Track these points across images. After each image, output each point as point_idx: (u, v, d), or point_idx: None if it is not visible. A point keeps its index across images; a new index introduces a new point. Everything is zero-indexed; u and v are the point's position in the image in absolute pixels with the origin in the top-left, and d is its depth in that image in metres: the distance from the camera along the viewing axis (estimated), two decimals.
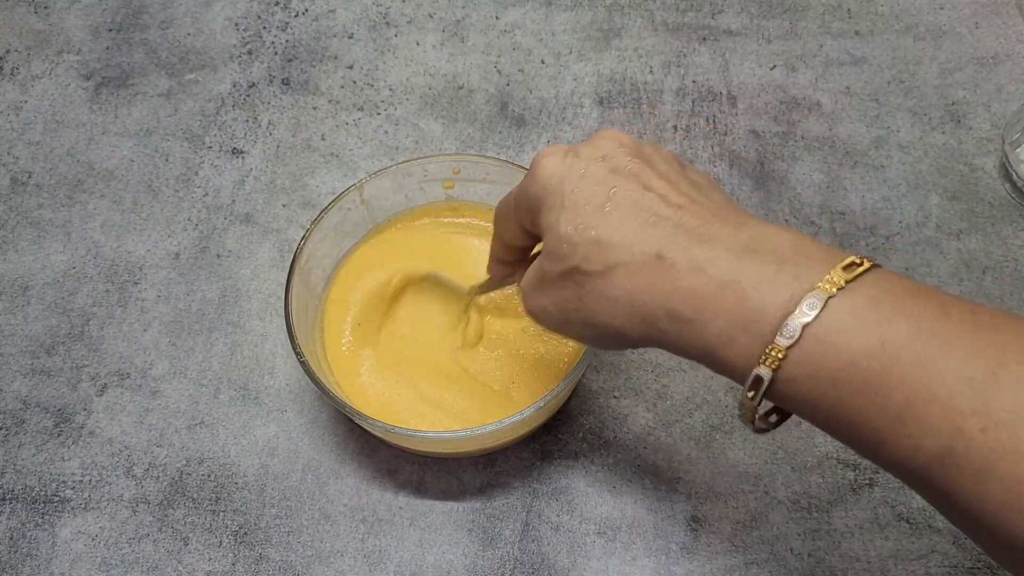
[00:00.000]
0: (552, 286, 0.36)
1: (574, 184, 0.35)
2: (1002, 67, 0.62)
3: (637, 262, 0.33)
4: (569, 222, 0.35)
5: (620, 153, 0.36)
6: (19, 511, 0.48)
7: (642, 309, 0.33)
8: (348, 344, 0.50)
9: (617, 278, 0.33)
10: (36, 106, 0.62)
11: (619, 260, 0.33)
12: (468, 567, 0.46)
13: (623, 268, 0.33)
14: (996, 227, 0.56)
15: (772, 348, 0.29)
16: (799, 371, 0.29)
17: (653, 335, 0.33)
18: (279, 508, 0.47)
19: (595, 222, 0.34)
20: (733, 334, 0.31)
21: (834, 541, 0.46)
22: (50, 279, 0.55)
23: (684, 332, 0.32)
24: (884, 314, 0.29)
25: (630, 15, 0.66)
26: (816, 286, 0.29)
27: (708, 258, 0.32)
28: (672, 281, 0.32)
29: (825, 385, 0.29)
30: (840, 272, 0.30)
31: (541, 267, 0.37)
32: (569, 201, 0.35)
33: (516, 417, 0.42)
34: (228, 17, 0.66)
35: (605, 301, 0.34)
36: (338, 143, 0.60)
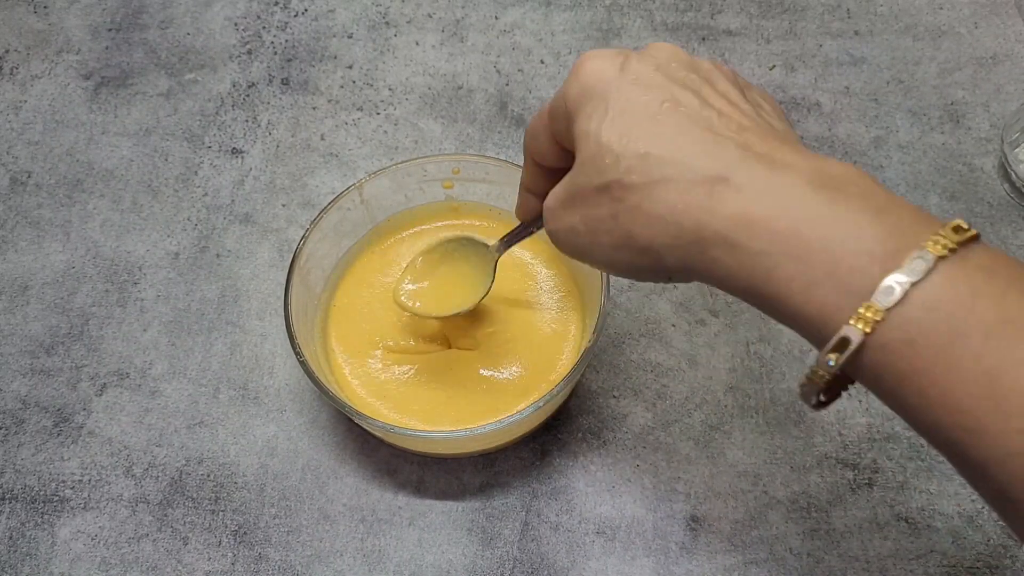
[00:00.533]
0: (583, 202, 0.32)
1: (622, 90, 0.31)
2: (1001, 67, 0.62)
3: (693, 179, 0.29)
4: (613, 130, 0.31)
5: (675, 65, 0.32)
6: (19, 511, 0.48)
7: (692, 231, 0.29)
8: (349, 344, 0.50)
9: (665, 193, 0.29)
10: (36, 106, 0.62)
11: (669, 175, 0.29)
12: (467, 567, 0.46)
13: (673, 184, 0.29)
14: (995, 227, 0.56)
15: (868, 307, 0.25)
16: (897, 338, 0.25)
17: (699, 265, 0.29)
18: (279, 508, 0.47)
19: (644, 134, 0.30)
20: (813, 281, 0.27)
21: (833, 541, 0.46)
22: (50, 279, 0.55)
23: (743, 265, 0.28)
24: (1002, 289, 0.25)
25: (630, 15, 0.66)
26: (924, 244, 0.25)
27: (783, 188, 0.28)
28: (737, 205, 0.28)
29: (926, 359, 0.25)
30: (950, 233, 0.26)
31: (573, 180, 0.33)
32: (615, 107, 0.31)
33: (516, 417, 0.42)
34: (228, 17, 0.66)
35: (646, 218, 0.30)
36: (338, 143, 0.60)
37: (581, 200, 0.32)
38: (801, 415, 0.49)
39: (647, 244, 0.30)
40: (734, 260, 0.28)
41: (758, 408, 0.50)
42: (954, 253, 0.25)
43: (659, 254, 0.30)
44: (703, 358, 0.51)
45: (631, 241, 0.31)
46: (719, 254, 0.29)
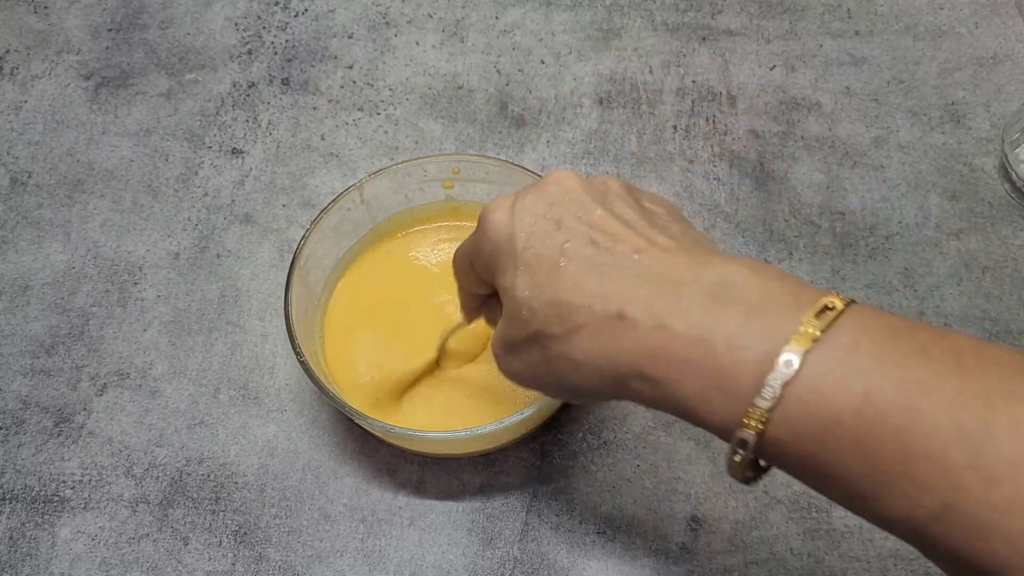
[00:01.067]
0: (519, 351, 0.34)
1: (524, 241, 0.33)
2: (1002, 67, 0.62)
3: (599, 322, 0.31)
4: (525, 285, 0.32)
5: (569, 198, 0.34)
6: (19, 511, 0.48)
7: (610, 371, 0.31)
8: (349, 344, 0.50)
9: (580, 341, 0.31)
10: (36, 106, 0.62)
11: (580, 322, 0.31)
12: (468, 567, 0.46)
13: (585, 330, 0.31)
14: (996, 227, 0.56)
15: (753, 410, 0.28)
16: (783, 432, 0.28)
17: (627, 394, 0.32)
18: (279, 508, 0.47)
19: (551, 281, 0.32)
20: (708, 396, 0.29)
21: (834, 541, 0.46)
22: (50, 279, 0.55)
23: (656, 392, 0.30)
24: (864, 364, 0.27)
25: (630, 15, 0.66)
26: (790, 339, 0.27)
27: (672, 312, 0.30)
28: (637, 341, 0.30)
29: (812, 444, 0.27)
30: (813, 320, 0.28)
31: (505, 332, 0.35)
32: (522, 261, 0.33)
33: (516, 417, 0.42)
34: (228, 17, 0.66)
35: (571, 365, 0.32)
36: (338, 143, 0.60)
37: (516, 349, 0.34)
38: None
39: (579, 384, 0.33)
40: (649, 388, 0.30)
41: None
42: (819, 341, 0.27)
43: (594, 391, 0.33)
44: None
45: (568, 382, 0.33)
46: (636, 385, 0.31)
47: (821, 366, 0.27)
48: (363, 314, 0.51)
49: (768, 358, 0.28)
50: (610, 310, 0.31)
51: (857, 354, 0.27)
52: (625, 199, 0.34)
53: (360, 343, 0.50)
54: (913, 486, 0.26)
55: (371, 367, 0.49)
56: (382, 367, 0.49)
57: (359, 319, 0.51)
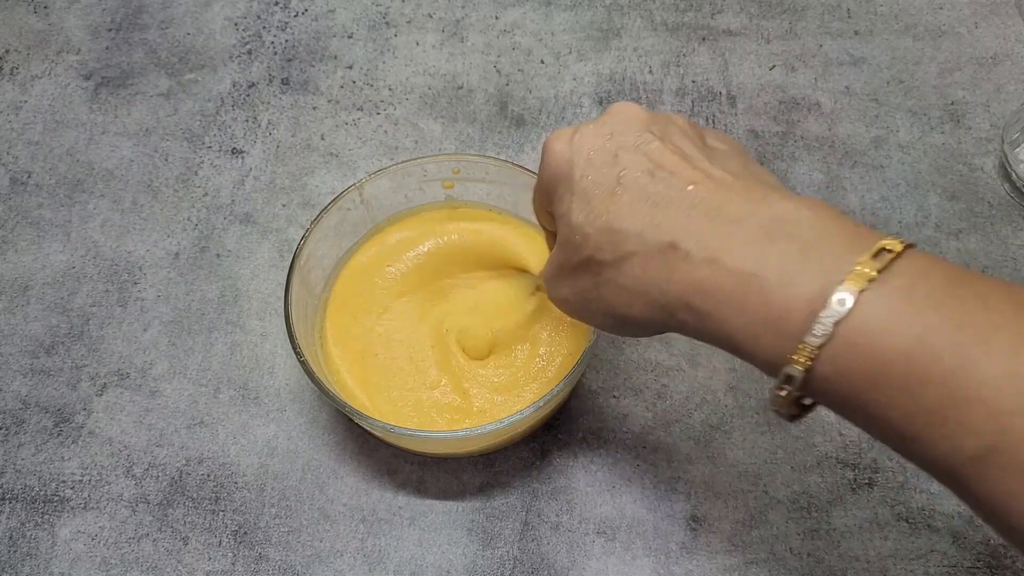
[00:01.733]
0: (569, 276, 0.35)
1: (582, 169, 0.33)
2: (1001, 67, 0.62)
3: (650, 251, 0.31)
4: (580, 210, 0.33)
5: (629, 129, 0.34)
6: (19, 511, 0.48)
7: (659, 300, 0.31)
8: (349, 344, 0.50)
9: (631, 268, 0.32)
10: (36, 106, 0.62)
11: (632, 249, 0.32)
12: (468, 567, 0.46)
13: (636, 258, 0.32)
14: (995, 227, 0.56)
15: (802, 347, 0.28)
16: (831, 369, 0.28)
17: (673, 325, 0.32)
18: (279, 508, 0.47)
19: (605, 209, 0.32)
20: (757, 331, 0.29)
21: (833, 541, 0.46)
22: (50, 279, 0.55)
23: (704, 324, 0.31)
24: (919, 307, 0.27)
25: (629, 15, 0.66)
26: (845, 279, 0.27)
27: (725, 247, 0.30)
28: (687, 272, 0.30)
29: (860, 383, 0.27)
30: (869, 261, 0.28)
31: (557, 257, 0.35)
32: (578, 188, 0.33)
33: (516, 417, 0.42)
34: (228, 17, 0.66)
35: (620, 292, 0.33)
36: (338, 143, 0.60)
37: (567, 275, 0.35)
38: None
39: (626, 313, 0.33)
40: (696, 320, 0.31)
41: (758, 408, 0.50)
42: (875, 282, 0.27)
43: (639, 320, 0.33)
44: (703, 358, 0.51)
45: (614, 311, 0.34)
46: (684, 316, 0.31)
47: (875, 307, 0.27)
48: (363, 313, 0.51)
49: (821, 296, 0.28)
50: (662, 240, 0.31)
51: (912, 297, 0.27)
52: (687, 134, 0.35)
53: (361, 342, 0.50)
54: (958, 428, 0.26)
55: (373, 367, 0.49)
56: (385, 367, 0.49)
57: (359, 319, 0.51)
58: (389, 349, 0.49)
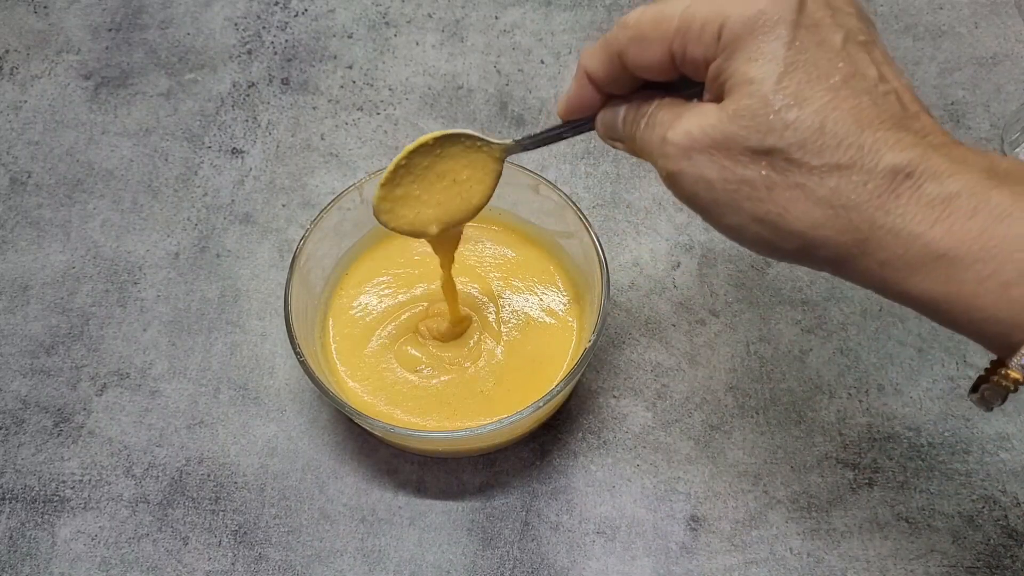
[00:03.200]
0: (731, 158, 0.28)
1: (800, 38, 0.27)
2: (1001, 67, 0.62)
3: (874, 171, 0.27)
4: (787, 88, 0.27)
5: (848, 14, 0.29)
6: (19, 511, 0.48)
7: (864, 229, 0.27)
8: (349, 344, 0.50)
9: (840, 181, 0.27)
10: (35, 106, 0.62)
11: (850, 161, 0.27)
12: (467, 567, 0.46)
13: (853, 172, 0.27)
14: None
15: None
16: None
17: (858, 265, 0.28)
18: (279, 508, 0.47)
19: (822, 102, 0.27)
20: (1007, 280, 0.25)
21: (833, 541, 0.46)
22: (50, 279, 0.55)
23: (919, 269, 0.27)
24: None
25: None
26: None
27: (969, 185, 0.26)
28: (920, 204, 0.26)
29: None
30: None
31: (722, 128, 0.28)
32: (791, 58, 0.27)
33: (516, 417, 0.42)
34: (228, 17, 0.66)
35: (810, 204, 0.27)
36: (338, 143, 0.60)
37: (728, 154, 0.28)
38: (801, 415, 0.49)
39: (801, 229, 0.28)
40: (906, 264, 0.27)
41: (758, 408, 0.50)
42: None
43: (813, 243, 0.28)
44: (703, 358, 0.51)
45: (782, 220, 0.28)
46: (888, 257, 0.27)
47: None
48: (363, 313, 0.51)
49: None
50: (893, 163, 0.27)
51: None
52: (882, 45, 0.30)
53: (361, 342, 0.50)
54: None
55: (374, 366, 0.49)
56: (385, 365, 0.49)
57: (359, 319, 0.51)
58: (389, 349, 0.49)
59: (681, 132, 0.30)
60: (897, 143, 0.27)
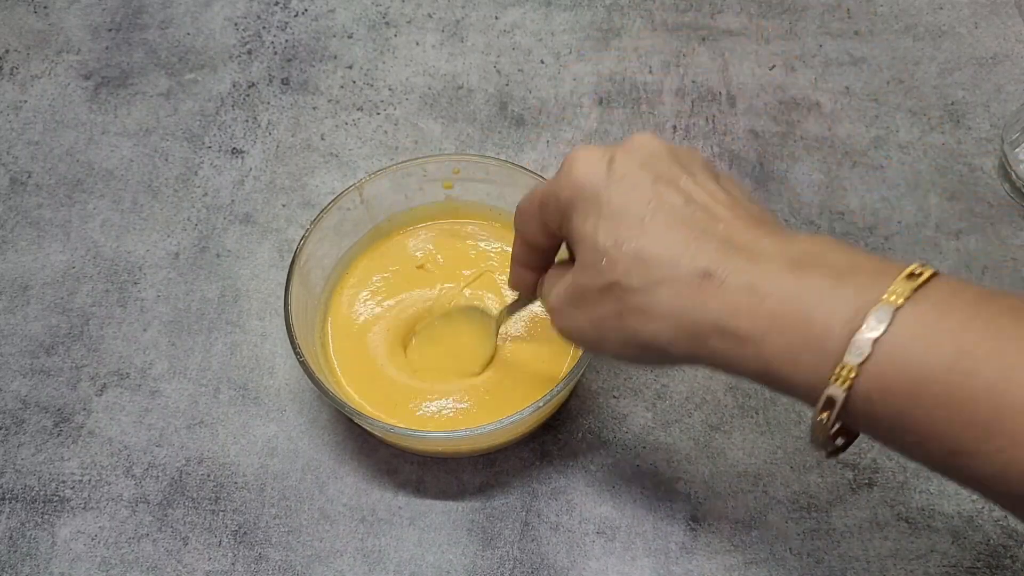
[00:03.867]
0: (588, 303, 0.34)
1: (612, 191, 0.33)
2: (1001, 67, 0.63)
3: (683, 278, 0.31)
4: (608, 234, 0.33)
5: (658, 160, 0.34)
6: (19, 511, 0.48)
7: (690, 327, 0.31)
8: (349, 344, 0.50)
9: (662, 295, 0.32)
10: (35, 106, 0.62)
11: (664, 276, 0.32)
12: (467, 567, 0.46)
13: (668, 284, 0.32)
14: (995, 227, 0.56)
15: (842, 367, 0.28)
16: (873, 388, 0.28)
17: (701, 353, 0.32)
18: (279, 508, 0.47)
19: (636, 234, 0.32)
20: (796, 352, 0.29)
21: (833, 541, 0.46)
22: (50, 279, 0.55)
23: (738, 350, 0.31)
24: (957, 323, 0.27)
25: (629, 15, 0.66)
26: (881, 299, 0.28)
27: (760, 274, 0.30)
28: (723, 299, 0.31)
29: (902, 401, 0.28)
30: (903, 282, 0.28)
31: (575, 281, 0.35)
32: (607, 210, 0.33)
33: (516, 417, 0.42)
34: (227, 17, 0.66)
35: (648, 319, 0.32)
36: (338, 143, 0.60)
37: (585, 301, 0.34)
38: (801, 415, 0.49)
39: (651, 340, 0.33)
40: (729, 347, 0.31)
41: (758, 408, 0.50)
42: (910, 300, 0.28)
43: (663, 348, 0.33)
44: None
45: (636, 338, 0.33)
46: (716, 344, 0.31)
47: (912, 324, 0.28)
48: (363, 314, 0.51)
49: (859, 315, 0.28)
50: (697, 268, 0.31)
51: (948, 313, 0.28)
52: (709, 172, 0.35)
53: (361, 342, 0.50)
54: (1008, 441, 0.26)
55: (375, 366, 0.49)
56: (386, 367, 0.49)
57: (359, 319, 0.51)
58: (389, 349, 0.49)
59: (554, 295, 0.36)
60: (699, 251, 0.32)
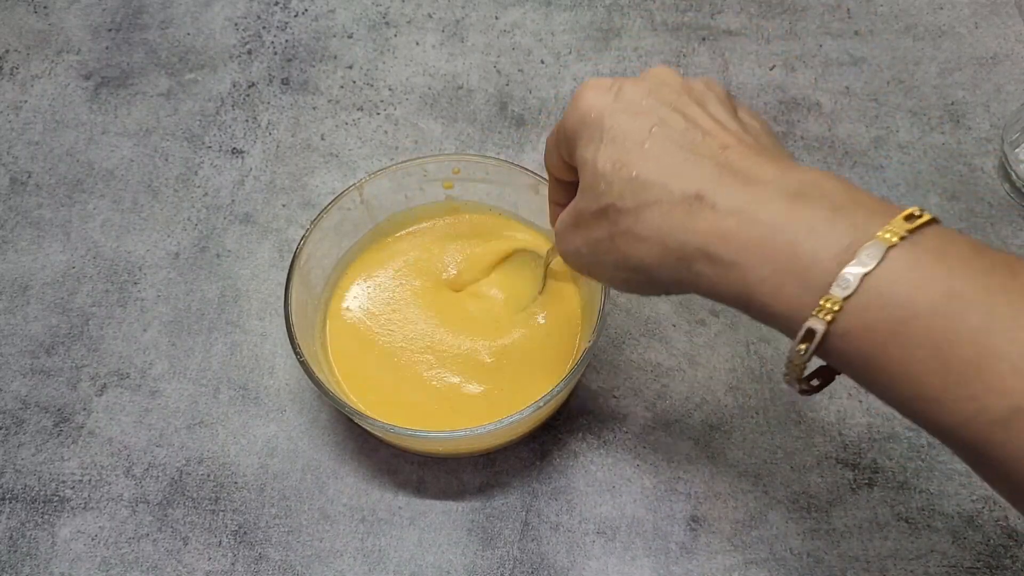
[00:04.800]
0: (586, 225, 0.34)
1: (614, 118, 0.33)
2: (1001, 67, 0.62)
3: (674, 200, 0.31)
4: (606, 158, 0.33)
5: (667, 89, 0.34)
6: (19, 511, 0.48)
7: (676, 250, 0.31)
8: (349, 344, 0.50)
9: (651, 216, 0.32)
10: (36, 106, 0.62)
11: (655, 198, 0.31)
12: (467, 567, 0.46)
13: (658, 206, 0.31)
14: (995, 227, 0.56)
15: (827, 299, 0.28)
16: (855, 324, 0.28)
17: (687, 278, 0.32)
18: (279, 508, 0.47)
19: (633, 158, 0.32)
20: (781, 281, 0.29)
21: (833, 541, 0.46)
22: (50, 279, 0.55)
23: (723, 276, 0.30)
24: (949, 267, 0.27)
25: (630, 15, 0.66)
26: (875, 235, 0.27)
27: (754, 199, 0.30)
28: (712, 221, 0.30)
29: (883, 339, 0.27)
30: (901, 222, 0.28)
31: (576, 205, 0.35)
32: (608, 136, 0.33)
33: (515, 417, 0.42)
34: (228, 17, 0.66)
35: (636, 241, 0.32)
36: (338, 143, 0.60)
37: (583, 224, 0.35)
38: (801, 415, 0.50)
39: (639, 263, 0.33)
40: (714, 272, 0.31)
41: (758, 408, 0.50)
42: (904, 240, 0.27)
43: (651, 271, 0.33)
44: (703, 358, 0.51)
45: (626, 260, 0.33)
46: (702, 268, 0.31)
47: (903, 263, 0.27)
48: (363, 313, 0.51)
49: (850, 250, 0.28)
50: (688, 190, 0.31)
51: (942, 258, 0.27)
52: (723, 103, 0.35)
53: (361, 342, 0.50)
54: (983, 388, 0.26)
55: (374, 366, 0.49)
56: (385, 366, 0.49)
57: (359, 319, 0.51)
58: (390, 349, 0.49)
59: (560, 221, 0.37)
60: (693, 173, 0.31)
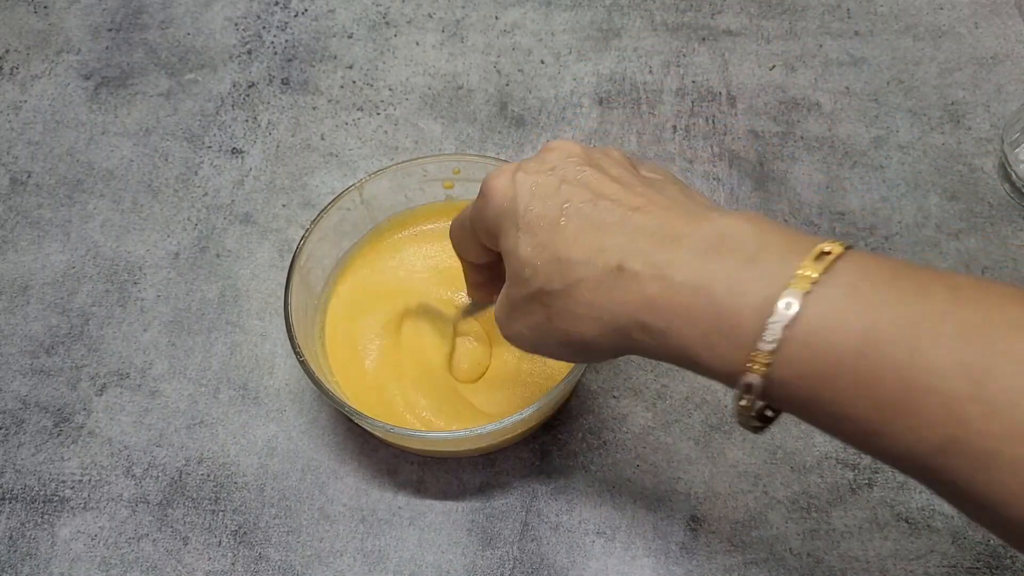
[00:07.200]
0: (521, 311, 0.35)
1: (526, 203, 0.34)
2: (1001, 67, 0.63)
3: (599, 275, 0.32)
4: (527, 244, 0.34)
5: (569, 163, 0.35)
6: (19, 511, 0.48)
7: (611, 323, 0.32)
8: (349, 344, 0.50)
9: (580, 294, 0.32)
10: (36, 106, 0.62)
11: (580, 276, 0.32)
12: (467, 567, 0.46)
13: (585, 284, 0.32)
14: (995, 227, 0.56)
15: (756, 354, 0.28)
16: (787, 373, 0.28)
17: (629, 346, 0.33)
18: (278, 508, 0.47)
19: (552, 240, 0.33)
20: (712, 342, 0.30)
21: (833, 541, 0.46)
22: (50, 279, 0.55)
23: (660, 342, 0.31)
24: (864, 304, 0.27)
25: (629, 15, 0.66)
26: (789, 283, 0.28)
27: (671, 262, 0.31)
28: (637, 292, 0.31)
29: (816, 384, 0.28)
30: (811, 264, 0.28)
31: (507, 293, 0.36)
32: (523, 222, 0.34)
33: (516, 417, 0.42)
34: (228, 17, 0.66)
35: (574, 319, 0.33)
36: (338, 143, 0.60)
37: (519, 310, 0.35)
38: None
39: (581, 339, 0.33)
40: (651, 339, 0.31)
41: None
42: (817, 284, 0.28)
43: (595, 345, 0.33)
44: None
45: (569, 338, 0.34)
46: (639, 336, 0.32)
47: (820, 308, 0.28)
48: (363, 314, 0.51)
49: (768, 302, 0.28)
50: (610, 263, 0.32)
51: (856, 295, 0.28)
52: (623, 165, 0.36)
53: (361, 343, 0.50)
54: (916, 420, 0.26)
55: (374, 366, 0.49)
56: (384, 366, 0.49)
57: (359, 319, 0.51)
58: (389, 349, 0.49)
59: (498, 308, 0.38)
60: (609, 244, 0.32)
